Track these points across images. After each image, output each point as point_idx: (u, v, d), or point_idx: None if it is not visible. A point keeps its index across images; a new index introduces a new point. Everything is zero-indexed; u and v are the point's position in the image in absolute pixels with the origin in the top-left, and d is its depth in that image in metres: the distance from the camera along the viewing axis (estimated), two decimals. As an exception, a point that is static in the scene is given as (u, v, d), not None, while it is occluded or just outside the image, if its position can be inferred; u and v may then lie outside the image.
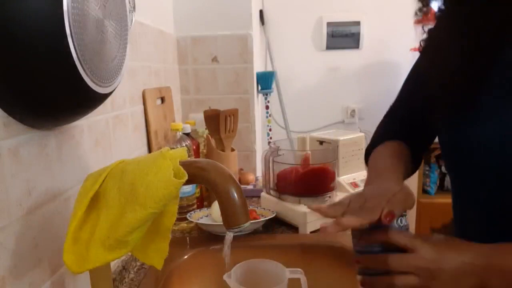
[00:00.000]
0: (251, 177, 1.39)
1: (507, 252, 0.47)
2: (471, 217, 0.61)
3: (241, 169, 1.45)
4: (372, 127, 0.78)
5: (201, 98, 1.56)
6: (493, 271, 0.46)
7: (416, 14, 0.66)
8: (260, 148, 1.84)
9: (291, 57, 2.34)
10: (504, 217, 0.54)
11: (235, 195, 0.53)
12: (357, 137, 1.14)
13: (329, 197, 1.02)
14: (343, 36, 2.30)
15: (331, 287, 0.86)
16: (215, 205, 1.02)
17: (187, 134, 1.14)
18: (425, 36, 0.66)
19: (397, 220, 0.50)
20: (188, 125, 1.15)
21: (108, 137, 0.82)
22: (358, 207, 0.52)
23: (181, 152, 0.54)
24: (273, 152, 1.03)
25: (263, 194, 1.10)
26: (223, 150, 1.23)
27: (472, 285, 0.46)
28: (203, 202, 1.18)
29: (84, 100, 0.55)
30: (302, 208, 0.98)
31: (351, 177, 1.12)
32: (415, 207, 2.07)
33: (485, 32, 0.53)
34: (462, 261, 0.47)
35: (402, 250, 0.49)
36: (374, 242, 0.51)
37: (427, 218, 2.05)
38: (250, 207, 1.05)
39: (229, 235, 0.59)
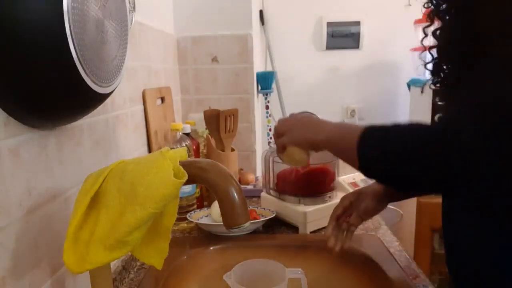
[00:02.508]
0: (251, 177, 1.39)
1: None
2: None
3: (241, 169, 1.45)
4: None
5: (201, 98, 1.56)
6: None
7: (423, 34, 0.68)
8: (260, 148, 1.84)
9: (291, 57, 2.33)
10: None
11: (235, 195, 0.53)
12: (357, 137, 1.13)
13: (329, 197, 1.02)
14: (343, 36, 2.30)
15: (331, 287, 0.86)
16: (215, 205, 1.02)
17: (187, 134, 1.14)
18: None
19: None
20: (188, 125, 1.15)
21: (108, 137, 0.82)
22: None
23: (181, 152, 0.54)
24: (273, 152, 1.03)
25: (263, 194, 1.10)
26: (223, 150, 1.23)
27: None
28: (203, 202, 1.18)
29: (84, 100, 0.55)
30: (302, 208, 0.98)
31: (351, 177, 1.12)
32: (414, 207, 2.07)
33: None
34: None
35: None
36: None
37: (427, 218, 2.04)
38: (250, 207, 1.05)
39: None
